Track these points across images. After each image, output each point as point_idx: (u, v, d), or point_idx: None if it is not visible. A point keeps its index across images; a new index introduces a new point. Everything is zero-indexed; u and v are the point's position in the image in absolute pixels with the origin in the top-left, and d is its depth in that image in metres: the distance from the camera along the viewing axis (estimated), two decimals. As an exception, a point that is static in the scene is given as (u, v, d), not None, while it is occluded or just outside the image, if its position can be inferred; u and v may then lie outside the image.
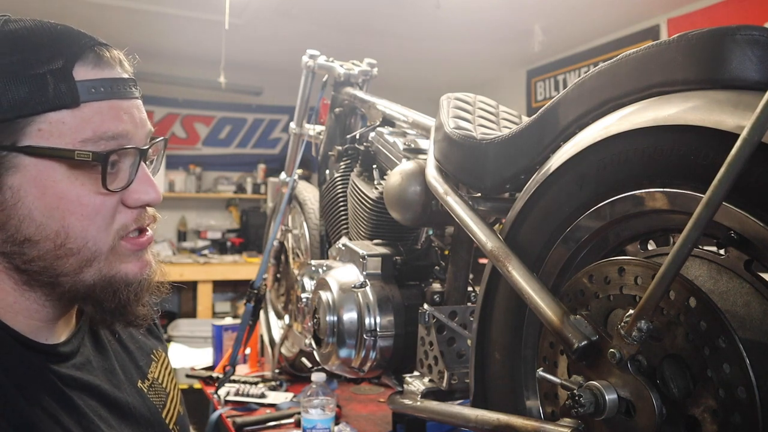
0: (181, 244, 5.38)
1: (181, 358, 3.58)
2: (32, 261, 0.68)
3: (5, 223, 0.67)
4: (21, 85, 0.64)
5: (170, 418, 0.88)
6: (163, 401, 0.89)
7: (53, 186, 0.67)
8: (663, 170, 0.71)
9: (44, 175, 0.66)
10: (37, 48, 0.67)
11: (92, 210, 0.69)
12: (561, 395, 0.84)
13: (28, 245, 0.67)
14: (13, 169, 0.65)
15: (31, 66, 0.65)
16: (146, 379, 0.87)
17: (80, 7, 3.75)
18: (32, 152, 0.65)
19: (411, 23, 4.03)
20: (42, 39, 0.68)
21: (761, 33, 0.65)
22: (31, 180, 0.66)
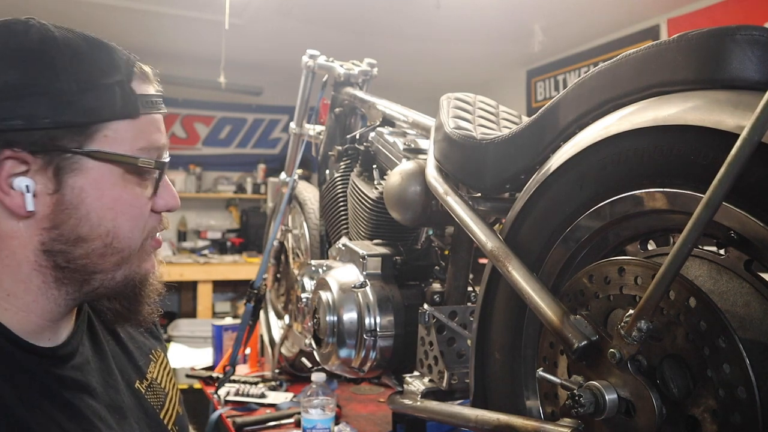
0: (181, 244, 5.38)
1: (181, 358, 3.58)
2: (76, 259, 0.72)
3: (62, 222, 0.70)
4: (94, 92, 0.69)
5: (169, 419, 0.88)
6: (162, 402, 0.89)
7: (110, 189, 0.72)
8: (663, 170, 0.71)
9: (104, 178, 0.72)
10: (99, 59, 0.72)
11: (138, 213, 0.76)
12: (561, 395, 0.84)
13: (78, 244, 0.71)
14: (77, 170, 0.70)
15: (100, 76, 0.70)
16: (144, 379, 0.87)
17: (80, 7, 3.75)
18: (98, 156, 0.70)
19: (411, 23, 4.02)
20: (100, 51, 0.73)
21: (761, 33, 0.65)
22: (93, 182, 0.71)
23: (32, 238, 0.70)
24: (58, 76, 0.68)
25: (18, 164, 0.67)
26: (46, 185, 0.69)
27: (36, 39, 0.68)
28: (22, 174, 0.67)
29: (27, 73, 0.67)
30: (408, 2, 3.65)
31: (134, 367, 0.87)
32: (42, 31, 0.69)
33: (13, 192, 0.67)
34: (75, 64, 0.69)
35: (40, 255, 0.70)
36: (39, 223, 0.70)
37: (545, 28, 4.08)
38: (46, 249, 0.70)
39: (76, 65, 0.69)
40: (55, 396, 0.70)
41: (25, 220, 0.69)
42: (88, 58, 0.71)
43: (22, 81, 0.66)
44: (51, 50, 0.68)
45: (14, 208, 0.68)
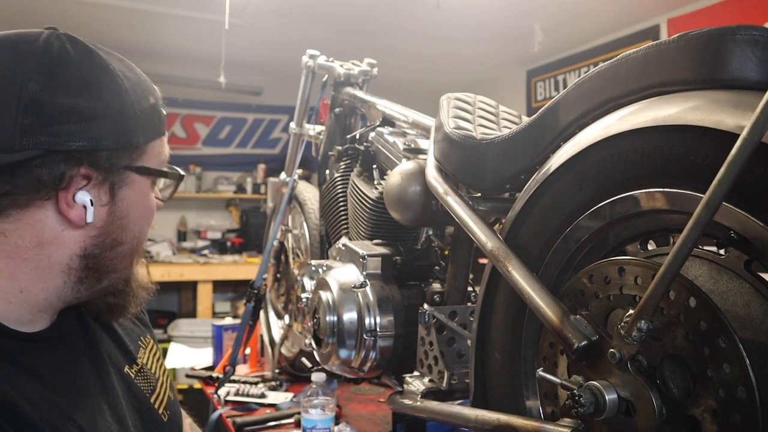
0: (181, 244, 5.38)
1: (181, 358, 3.58)
2: (105, 260, 0.78)
3: (107, 229, 0.77)
4: (144, 116, 0.78)
5: (160, 404, 0.90)
6: (153, 386, 0.90)
7: (145, 199, 0.82)
8: (663, 170, 0.71)
9: (143, 189, 0.81)
10: (141, 83, 0.80)
11: (152, 216, 0.85)
12: (561, 395, 0.84)
13: (113, 248, 0.78)
14: (127, 184, 0.78)
15: (145, 99, 0.79)
16: (135, 364, 0.89)
17: (80, 7, 3.75)
18: (143, 171, 0.79)
19: (411, 23, 4.02)
20: (139, 75, 0.81)
21: (761, 33, 0.65)
22: (136, 194, 0.79)
23: (76, 244, 0.75)
24: (123, 101, 0.75)
25: (82, 179, 0.73)
26: (101, 198, 0.75)
27: (95, 66, 0.75)
28: (83, 188, 0.73)
29: (97, 99, 0.73)
30: (408, 2, 3.65)
31: (123, 352, 0.89)
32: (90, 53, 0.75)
33: (76, 205, 0.73)
34: (132, 89, 0.77)
35: (75, 259, 0.76)
36: (89, 231, 0.75)
37: (545, 28, 4.07)
38: (85, 254, 0.76)
39: (133, 91, 0.77)
40: (45, 378, 0.72)
41: (76, 229, 0.75)
42: (137, 84, 0.79)
43: (89, 105, 0.72)
44: (113, 77, 0.75)
45: (75, 220, 0.73)
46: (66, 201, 0.72)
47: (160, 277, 4.36)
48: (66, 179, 0.71)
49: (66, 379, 0.75)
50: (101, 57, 0.76)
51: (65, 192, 0.72)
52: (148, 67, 4.11)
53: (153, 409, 0.88)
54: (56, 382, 0.74)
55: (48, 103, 0.69)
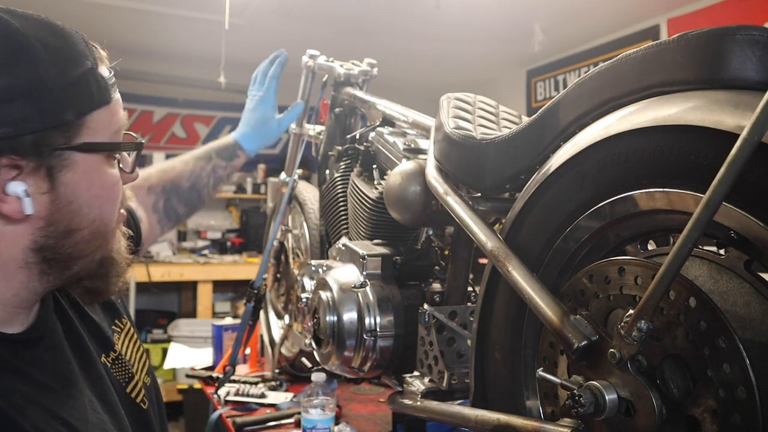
0: (181, 244, 5.38)
1: (181, 358, 3.58)
2: (64, 249, 0.72)
3: (57, 220, 0.70)
4: (75, 87, 0.69)
5: (138, 393, 0.86)
6: (129, 374, 0.87)
7: (98, 177, 0.74)
8: (663, 170, 0.71)
9: (92, 168, 0.72)
10: (67, 49, 0.70)
11: (116, 194, 0.77)
12: (561, 395, 0.84)
13: (69, 236, 0.71)
14: (68, 166, 0.70)
15: (74, 67, 0.69)
16: (113, 351, 0.86)
17: (80, 7, 3.75)
18: (86, 149, 0.71)
19: (411, 23, 4.02)
20: (65, 39, 0.71)
21: (761, 33, 0.65)
22: (83, 174, 0.71)
23: (23, 238, 0.69)
24: (40, 75, 0.66)
25: (10, 170, 0.66)
26: (39, 185, 0.68)
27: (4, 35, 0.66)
28: (15, 178, 0.66)
29: (9, 76, 0.64)
30: (408, 2, 3.65)
31: (101, 340, 0.85)
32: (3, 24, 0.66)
33: (9, 198, 0.66)
34: (52, 59, 0.67)
35: (28, 253, 0.70)
36: (33, 223, 0.69)
37: (545, 28, 4.07)
38: (37, 246, 0.70)
39: (54, 60, 0.68)
40: (31, 377, 0.70)
41: (18, 223, 0.68)
42: (60, 50, 0.69)
43: (1, 85, 0.64)
44: (27, 48, 0.66)
45: (11, 214, 0.67)
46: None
47: (160, 277, 4.36)
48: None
49: (52, 376, 0.72)
50: (11, 24, 0.66)
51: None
52: (148, 67, 4.12)
53: (130, 399, 0.84)
54: (42, 380, 0.70)
55: None
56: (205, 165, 1.34)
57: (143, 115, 5.30)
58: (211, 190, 1.33)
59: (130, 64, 4.75)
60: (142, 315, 4.60)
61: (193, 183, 1.29)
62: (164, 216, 1.23)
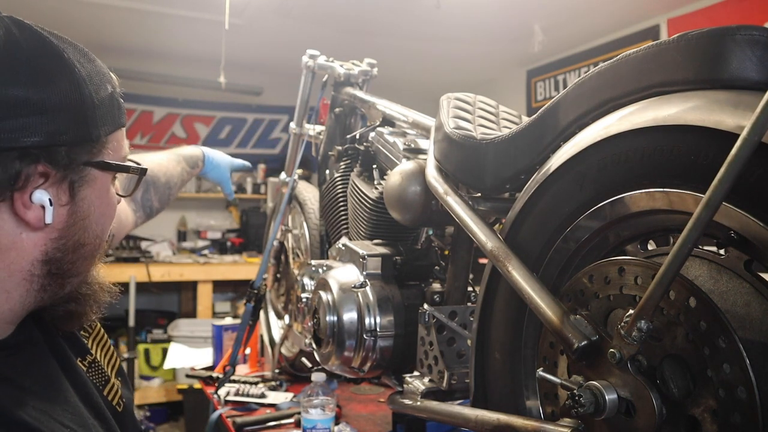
0: (181, 244, 5.38)
1: (181, 358, 3.58)
2: (68, 264, 0.72)
3: (69, 231, 0.71)
4: (103, 106, 0.72)
5: (113, 394, 0.85)
6: (106, 378, 0.86)
7: (106, 195, 0.76)
8: (663, 170, 0.71)
9: (104, 186, 0.75)
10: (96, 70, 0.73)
11: (114, 213, 0.80)
12: (561, 395, 0.84)
13: (75, 250, 0.72)
14: (88, 182, 0.72)
15: (102, 88, 0.73)
16: (88, 355, 0.84)
17: (80, 7, 3.75)
18: (105, 167, 0.73)
19: (411, 23, 4.02)
20: (93, 62, 0.74)
21: (761, 33, 0.65)
22: (97, 191, 0.74)
23: (36, 248, 0.70)
24: (80, 93, 0.69)
25: (39, 178, 0.67)
26: (60, 197, 0.69)
27: (47, 53, 0.68)
28: (41, 186, 0.68)
29: (52, 90, 0.67)
30: (408, 2, 3.65)
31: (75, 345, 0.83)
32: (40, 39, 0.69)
33: (33, 205, 0.67)
34: (88, 79, 0.70)
35: (36, 264, 0.70)
36: (48, 234, 0.70)
37: (545, 28, 4.07)
38: (47, 258, 0.71)
39: (89, 80, 0.70)
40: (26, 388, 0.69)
41: (35, 231, 0.69)
42: (92, 72, 0.72)
43: (44, 97, 0.66)
44: (69, 67, 0.69)
45: (33, 221, 0.68)
46: (22, 201, 0.67)
47: (160, 277, 4.36)
48: (22, 178, 0.66)
49: (43, 383, 0.72)
50: (53, 43, 0.69)
51: (21, 192, 0.66)
52: (148, 67, 4.12)
53: (108, 402, 0.83)
54: (38, 389, 0.70)
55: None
56: (176, 165, 1.37)
57: (143, 115, 5.30)
58: (176, 191, 1.36)
59: (130, 64, 4.75)
60: (142, 315, 4.59)
61: (167, 180, 1.31)
62: (140, 207, 1.24)
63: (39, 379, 0.72)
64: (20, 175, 0.66)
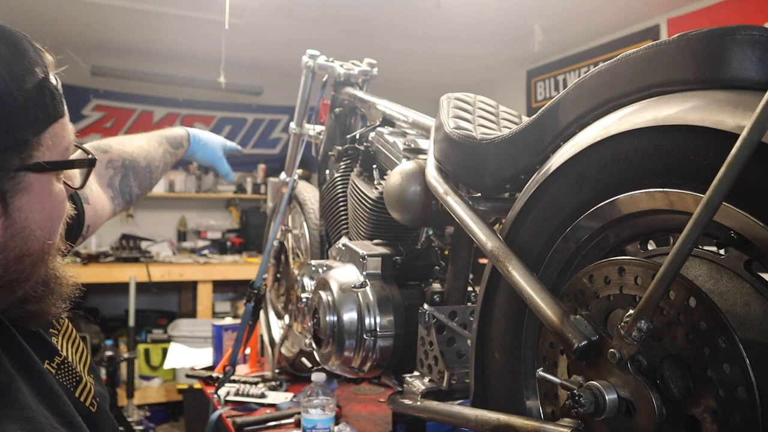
0: (181, 244, 5.38)
1: (181, 358, 3.58)
2: (14, 275, 0.66)
3: (6, 246, 0.64)
4: (29, 101, 0.62)
5: (86, 395, 0.80)
6: (76, 378, 0.80)
7: (49, 197, 0.67)
8: (663, 170, 0.71)
9: (44, 188, 0.66)
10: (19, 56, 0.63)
11: (64, 210, 0.71)
12: (561, 395, 0.84)
13: (19, 261, 0.65)
14: (22, 189, 0.63)
15: (27, 78, 0.62)
16: (57, 356, 0.78)
17: (80, 7, 3.75)
18: (42, 169, 0.64)
19: (411, 23, 4.02)
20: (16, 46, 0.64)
21: (761, 33, 0.65)
22: (36, 197, 0.65)
23: None
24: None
25: None
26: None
27: None
28: None
29: None
30: (408, 2, 3.65)
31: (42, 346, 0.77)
32: None
33: None
34: (7, 72, 0.61)
35: None
36: None
37: (545, 28, 4.07)
38: None
39: (8, 74, 0.61)
40: None
41: None
42: (14, 61, 0.62)
43: None
44: None
45: None
46: None
47: (160, 277, 4.36)
48: None
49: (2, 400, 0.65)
50: None
51: None
52: (149, 67, 4.12)
53: (80, 404, 0.77)
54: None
55: None
56: (158, 147, 1.28)
57: (143, 115, 5.30)
58: (159, 175, 1.27)
59: (130, 64, 4.75)
60: (142, 315, 4.60)
61: (148, 163, 1.23)
62: (119, 194, 1.16)
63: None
64: None
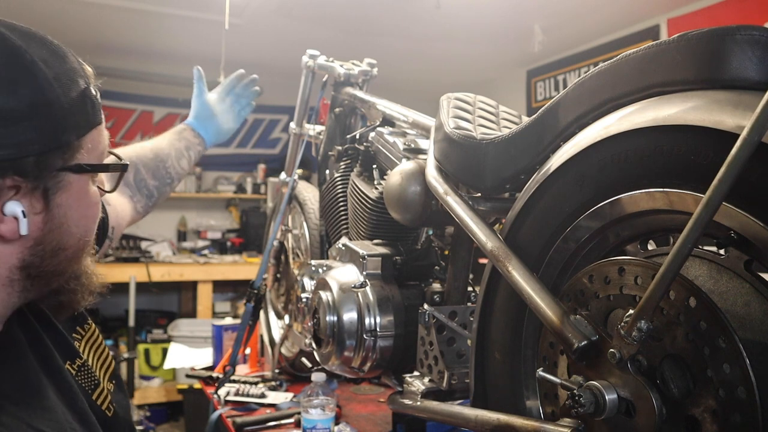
0: (181, 244, 5.38)
1: (181, 358, 3.58)
2: (49, 267, 0.71)
3: (46, 238, 0.70)
4: (74, 108, 0.69)
5: (103, 399, 0.84)
6: (95, 382, 0.84)
7: (85, 197, 0.74)
8: (663, 170, 0.71)
9: (82, 188, 0.73)
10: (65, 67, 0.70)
11: (98, 211, 0.78)
12: (561, 395, 0.84)
13: (55, 254, 0.71)
14: (63, 188, 0.70)
15: (72, 87, 0.69)
16: (78, 358, 0.83)
17: (80, 7, 3.75)
18: (81, 170, 0.71)
19: (411, 23, 4.02)
20: (64, 58, 0.71)
21: (761, 33, 0.65)
22: (74, 195, 0.71)
23: (13, 257, 0.68)
24: (45, 98, 0.66)
25: (9, 191, 0.65)
26: (33, 206, 0.68)
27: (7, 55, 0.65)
28: (12, 198, 0.66)
29: (16, 98, 0.64)
30: (408, 2, 3.65)
31: (65, 348, 0.82)
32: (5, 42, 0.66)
33: (6, 218, 0.66)
34: (55, 80, 0.67)
35: (15, 271, 0.69)
36: (24, 243, 0.68)
37: (545, 28, 4.07)
38: (24, 265, 0.69)
39: (56, 82, 0.67)
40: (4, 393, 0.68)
41: (11, 243, 0.67)
42: (60, 71, 0.68)
43: (8, 107, 0.63)
44: (32, 69, 0.66)
45: (7, 234, 0.66)
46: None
47: (160, 277, 4.36)
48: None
49: (24, 389, 0.70)
50: (15, 44, 0.65)
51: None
52: (149, 67, 4.11)
53: (96, 407, 0.82)
54: (15, 394, 0.69)
55: None
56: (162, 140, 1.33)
57: (143, 115, 5.30)
58: (175, 163, 1.30)
59: (130, 64, 4.75)
60: (142, 315, 4.60)
61: (156, 154, 1.27)
62: (136, 190, 1.21)
63: (18, 384, 0.70)
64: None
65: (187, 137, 1.38)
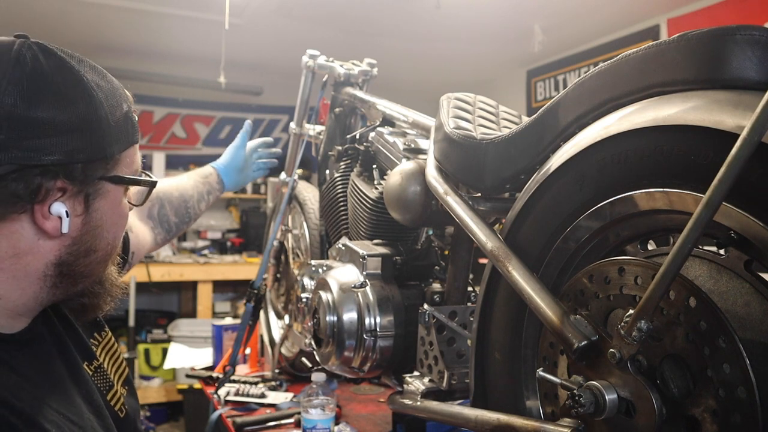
0: (181, 244, 5.37)
1: (181, 358, 3.58)
2: (80, 267, 0.79)
3: (82, 239, 0.78)
4: (119, 126, 0.79)
5: (116, 400, 0.91)
6: (109, 384, 0.91)
7: (118, 206, 0.83)
8: (663, 170, 0.71)
9: (116, 198, 0.82)
10: (113, 91, 0.81)
11: (126, 222, 0.88)
12: (561, 395, 0.84)
13: (87, 255, 0.79)
14: (102, 195, 0.79)
15: (118, 108, 0.80)
16: (95, 360, 0.90)
17: (80, 7, 3.75)
18: (118, 181, 0.81)
19: (411, 23, 4.02)
20: (111, 83, 0.81)
21: (761, 33, 0.65)
22: (110, 203, 0.81)
23: (51, 253, 0.76)
24: (97, 114, 0.76)
25: (57, 192, 0.74)
26: (75, 208, 0.76)
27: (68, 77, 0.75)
28: (59, 199, 0.74)
29: (72, 112, 0.73)
30: (408, 2, 3.65)
31: (83, 349, 0.89)
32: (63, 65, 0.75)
33: (52, 216, 0.74)
34: (105, 100, 0.77)
35: (50, 267, 0.77)
36: (63, 241, 0.77)
37: (545, 28, 4.07)
38: (59, 262, 0.77)
39: (105, 102, 0.77)
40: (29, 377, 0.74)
41: (52, 239, 0.75)
42: (108, 93, 0.79)
43: (65, 119, 0.72)
44: (88, 89, 0.76)
45: (51, 231, 0.74)
46: (42, 213, 0.73)
47: (160, 277, 4.36)
48: (42, 192, 0.72)
49: (46, 376, 0.77)
50: (74, 68, 0.76)
51: (41, 204, 0.73)
52: (149, 67, 4.11)
53: (109, 406, 0.89)
54: (39, 380, 0.75)
55: (23, 117, 0.70)
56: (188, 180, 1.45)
57: (143, 115, 5.29)
58: (195, 204, 1.44)
59: (130, 64, 4.74)
60: (142, 315, 4.60)
61: (181, 193, 1.39)
62: (158, 223, 1.32)
63: (43, 372, 0.77)
64: (41, 189, 0.72)
65: (211, 182, 1.51)
